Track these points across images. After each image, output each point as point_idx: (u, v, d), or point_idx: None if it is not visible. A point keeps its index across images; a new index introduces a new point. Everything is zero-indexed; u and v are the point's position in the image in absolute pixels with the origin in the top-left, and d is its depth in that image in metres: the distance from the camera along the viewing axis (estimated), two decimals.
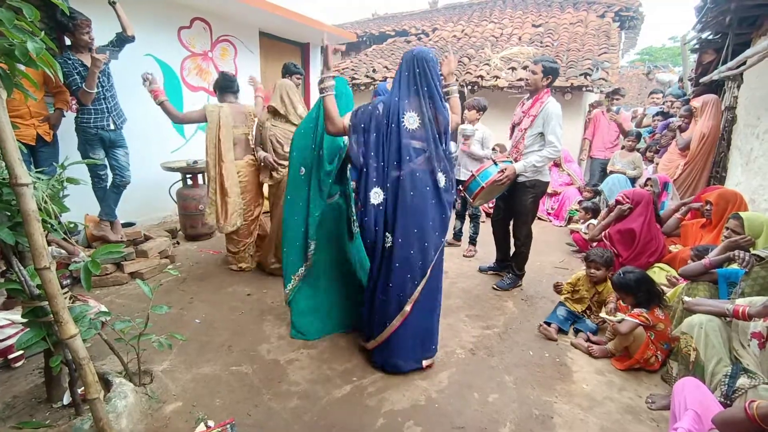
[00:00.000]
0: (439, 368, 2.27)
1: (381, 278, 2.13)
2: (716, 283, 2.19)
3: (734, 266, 2.17)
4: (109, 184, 3.21)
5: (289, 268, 2.48)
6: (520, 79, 5.97)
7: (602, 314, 2.54)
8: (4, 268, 1.54)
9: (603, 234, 3.41)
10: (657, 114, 5.68)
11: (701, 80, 4.74)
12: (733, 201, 2.92)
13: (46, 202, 1.46)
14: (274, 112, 3.13)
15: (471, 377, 2.21)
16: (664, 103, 5.91)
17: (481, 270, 3.66)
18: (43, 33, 1.29)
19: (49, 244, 1.76)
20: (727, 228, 2.46)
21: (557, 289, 3.13)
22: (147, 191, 4.27)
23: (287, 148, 2.87)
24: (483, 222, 4.48)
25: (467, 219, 4.22)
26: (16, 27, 1.20)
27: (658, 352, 2.28)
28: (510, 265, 3.37)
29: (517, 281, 3.33)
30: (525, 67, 6.21)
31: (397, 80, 2.07)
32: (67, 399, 1.74)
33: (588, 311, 2.81)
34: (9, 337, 2.07)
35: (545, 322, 2.68)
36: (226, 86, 3.34)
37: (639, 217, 3.24)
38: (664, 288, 2.64)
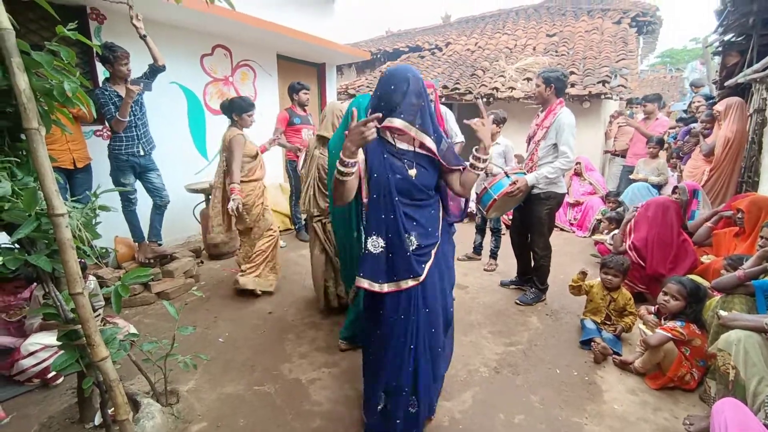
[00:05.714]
0: (462, 387, 2.22)
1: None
2: (753, 295, 2.09)
3: None
4: (137, 207, 3.35)
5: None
6: None
7: (640, 325, 2.45)
8: (45, 290, 1.61)
9: (628, 245, 3.33)
10: (680, 119, 5.52)
11: (726, 83, 4.61)
12: (766, 208, 2.79)
13: (80, 230, 1.53)
14: (322, 140, 2.81)
15: (496, 397, 2.16)
16: (690, 104, 5.71)
17: (502, 284, 3.60)
18: (78, 73, 1.38)
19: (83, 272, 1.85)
20: (762, 237, 2.35)
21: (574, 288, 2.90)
22: (172, 212, 4.38)
23: None
24: (504, 234, 4.42)
25: (488, 233, 4.17)
26: (55, 68, 1.30)
27: (694, 370, 2.17)
28: (532, 279, 3.31)
29: (540, 296, 3.25)
30: None
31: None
32: (98, 420, 1.79)
33: (607, 321, 2.72)
34: (44, 360, 2.16)
35: (584, 342, 2.59)
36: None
37: (644, 226, 3.25)
38: None
